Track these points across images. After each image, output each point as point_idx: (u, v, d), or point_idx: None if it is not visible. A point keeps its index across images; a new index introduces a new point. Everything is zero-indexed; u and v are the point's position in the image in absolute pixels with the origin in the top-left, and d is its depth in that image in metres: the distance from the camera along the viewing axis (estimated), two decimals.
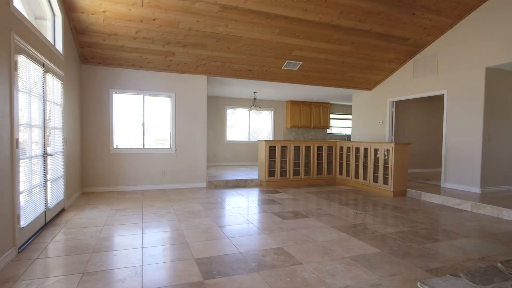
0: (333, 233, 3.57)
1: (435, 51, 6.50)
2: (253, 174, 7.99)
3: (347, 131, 12.45)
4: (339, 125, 12.34)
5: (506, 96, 5.90)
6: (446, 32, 6.26)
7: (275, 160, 6.97)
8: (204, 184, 6.72)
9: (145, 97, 6.35)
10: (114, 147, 6.13)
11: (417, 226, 3.93)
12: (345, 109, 12.20)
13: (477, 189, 5.68)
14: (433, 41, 6.51)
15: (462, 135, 5.95)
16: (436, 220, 4.26)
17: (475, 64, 5.73)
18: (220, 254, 2.90)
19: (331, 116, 11.96)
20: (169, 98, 6.52)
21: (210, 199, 5.46)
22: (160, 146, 6.51)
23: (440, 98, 8.92)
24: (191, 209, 4.68)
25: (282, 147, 7.02)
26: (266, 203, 5.15)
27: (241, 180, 7.01)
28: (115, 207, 4.72)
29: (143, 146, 6.36)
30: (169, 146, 6.53)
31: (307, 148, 7.30)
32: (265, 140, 6.84)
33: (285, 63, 6.65)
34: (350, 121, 12.50)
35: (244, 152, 10.64)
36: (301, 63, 6.71)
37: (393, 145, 5.85)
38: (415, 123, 8.88)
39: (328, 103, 11.42)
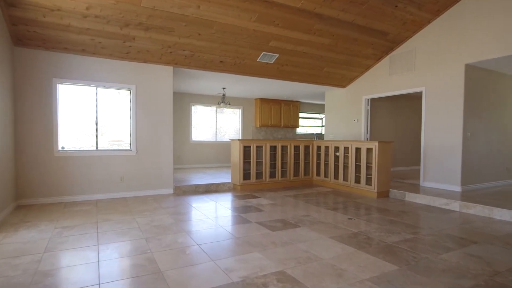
0: (335, 247, 3.05)
1: (412, 47, 6.36)
2: (223, 177, 7.29)
3: (316, 130, 12.24)
4: (308, 124, 12.08)
5: (482, 93, 5.90)
6: (424, 27, 6.13)
7: (250, 162, 6.35)
8: (171, 190, 5.89)
9: (98, 89, 5.37)
10: (60, 148, 5.08)
11: (418, 232, 3.58)
12: (314, 108, 11.97)
13: (458, 188, 5.59)
14: (411, 37, 6.37)
15: (442, 133, 5.84)
16: (433, 223, 3.96)
17: (454, 61, 5.64)
18: (209, 286, 2.22)
19: (300, 115, 11.64)
20: (129, 92, 5.60)
21: (180, 208, 4.69)
22: (116, 147, 5.56)
23: (413, 96, 8.98)
24: (160, 222, 3.89)
25: (257, 147, 6.43)
26: (246, 211, 4.51)
27: (212, 184, 6.29)
28: (60, 224, 3.77)
29: (97, 147, 5.37)
30: (128, 147, 5.61)
31: (284, 148, 6.79)
32: (239, 140, 6.20)
33: (261, 55, 6.07)
34: (319, 120, 12.32)
35: (211, 153, 9.87)
36: (277, 55, 6.17)
37: (377, 144, 5.55)
38: (387, 121, 8.83)
39: (298, 101, 11.08)
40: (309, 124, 12.09)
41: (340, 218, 4.18)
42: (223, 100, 8.46)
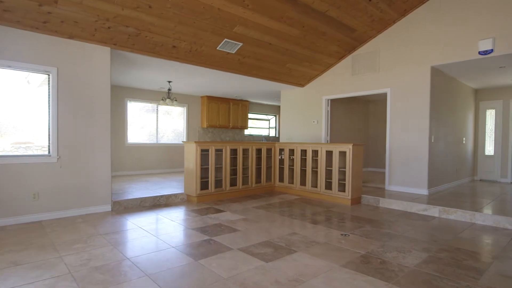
0: (358, 280, 2.36)
1: (376, 47, 6.18)
2: (172, 186, 6.13)
3: (264, 132, 11.70)
4: (256, 125, 11.45)
5: (442, 97, 5.98)
6: (389, 28, 5.98)
7: (208, 168, 5.36)
8: (108, 207, 4.55)
9: None
10: None
11: (428, 248, 3.13)
12: (263, 109, 11.41)
13: (425, 191, 5.50)
14: (375, 36, 6.18)
15: (408, 135, 5.73)
16: (432, 235, 3.60)
17: (420, 62, 5.56)
18: None
19: (249, 115, 10.94)
20: (47, 76, 4.13)
21: (126, 234, 3.49)
22: (24, 151, 4.03)
23: (361, 98, 9.03)
24: (102, 260, 2.70)
25: (216, 150, 5.47)
26: (217, 232, 3.56)
27: (161, 196, 5.12)
28: None
29: None
30: (46, 152, 4.12)
31: (245, 152, 5.97)
32: (196, 142, 5.17)
33: (223, 42, 5.16)
34: (267, 122, 11.82)
35: (151, 157, 8.47)
36: (241, 44, 5.34)
37: (351, 147, 5.13)
38: (343, 123, 8.68)
39: (247, 101, 10.37)
40: (257, 126, 11.47)
41: (332, 234, 3.55)
42: (168, 96, 7.23)
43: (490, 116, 7.68)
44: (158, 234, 3.48)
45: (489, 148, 7.70)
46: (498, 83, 7.04)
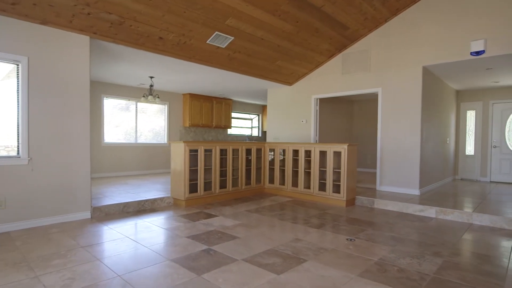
0: None
1: (367, 46, 6.10)
2: (155, 189, 5.71)
3: (247, 131, 11.43)
4: (239, 124, 11.15)
5: (431, 97, 6.01)
6: (380, 26, 5.93)
7: (197, 170, 5.02)
8: (88, 214, 4.09)
9: None
10: None
11: (440, 252, 3.01)
12: (247, 107, 11.13)
13: (416, 191, 5.49)
14: (366, 35, 6.11)
15: (399, 135, 5.69)
16: (437, 237, 3.51)
17: (412, 62, 5.54)
18: None
19: (232, 114, 10.62)
20: (14, 67, 3.62)
21: (113, 246, 3.10)
22: None
23: (343, 98, 9.00)
24: (89, 280, 2.32)
25: (205, 150, 5.14)
26: (215, 240, 3.26)
27: (146, 200, 4.71)
28: None
29: None
30: (15, 153, 3.61)
31: (235, 152, 5.68)
32: (185, 142, 4.81)
33: (213, 35, 4.84)
34: (249, 121, 11.57)
35: (130, 158, 7.94)
36: (232, 38, 5.04)
37: (346, 147, 4.99)
38: (329, 123, 8.60)
39: (231, 99, 10.05)
40: (240, 125, 11.18)
41: (337, 239, 3.36)
42: (150, 92, 6.77)
43: (471, 117, 7.90)
44: (148, 244, 3.12)
45: (470, 148, 7.91)
46: (479, 85, 7.23)
